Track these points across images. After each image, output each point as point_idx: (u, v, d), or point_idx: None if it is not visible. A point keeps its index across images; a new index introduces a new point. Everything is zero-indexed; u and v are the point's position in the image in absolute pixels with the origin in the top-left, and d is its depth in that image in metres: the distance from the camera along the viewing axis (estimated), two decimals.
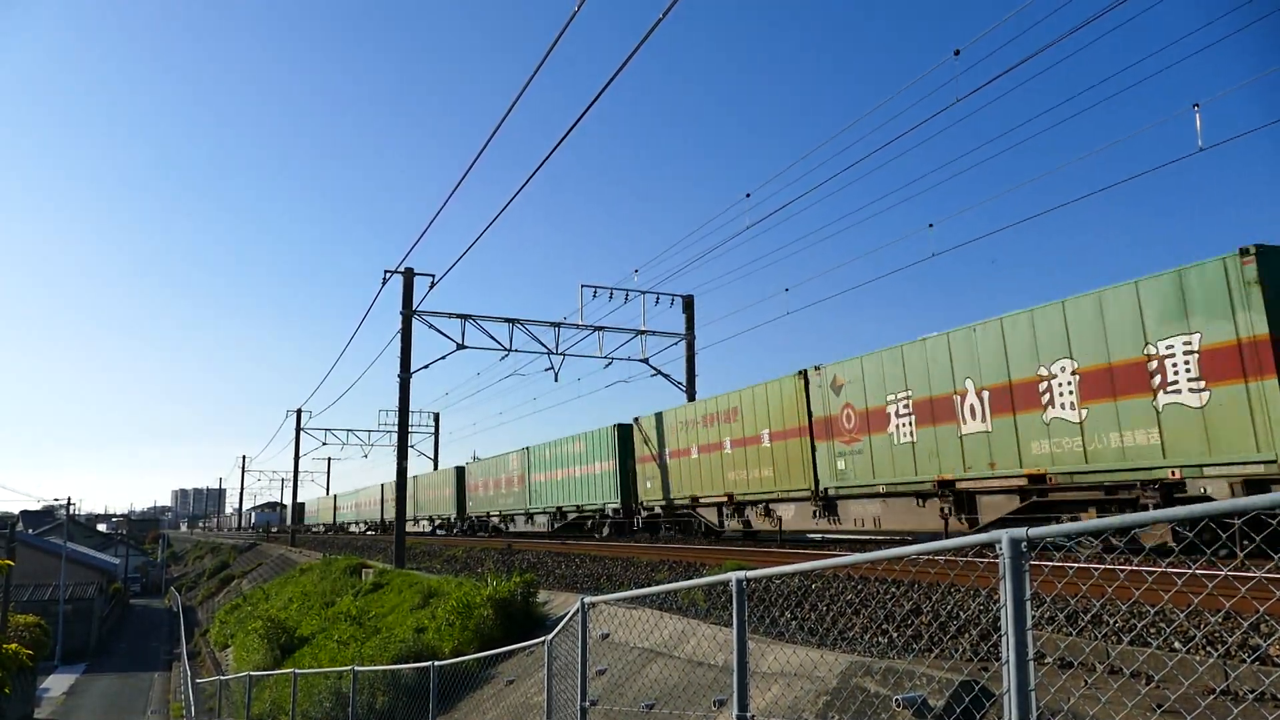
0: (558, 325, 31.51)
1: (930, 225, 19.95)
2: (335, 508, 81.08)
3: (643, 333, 32.61)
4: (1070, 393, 13.41)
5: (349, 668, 13.88)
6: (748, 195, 24.35)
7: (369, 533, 65.38)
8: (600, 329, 32.04)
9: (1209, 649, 6.30)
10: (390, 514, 45.84)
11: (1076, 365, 13.31)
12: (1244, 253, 11.15)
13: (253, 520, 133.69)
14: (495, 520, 40.81)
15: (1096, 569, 9.01)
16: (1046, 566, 10.07)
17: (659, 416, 26.80)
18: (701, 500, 24.29)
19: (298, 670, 16.39)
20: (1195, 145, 12.95)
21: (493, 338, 30.49)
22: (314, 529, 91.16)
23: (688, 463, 24.89)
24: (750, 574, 4.71)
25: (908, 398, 17.00)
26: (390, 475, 65.47)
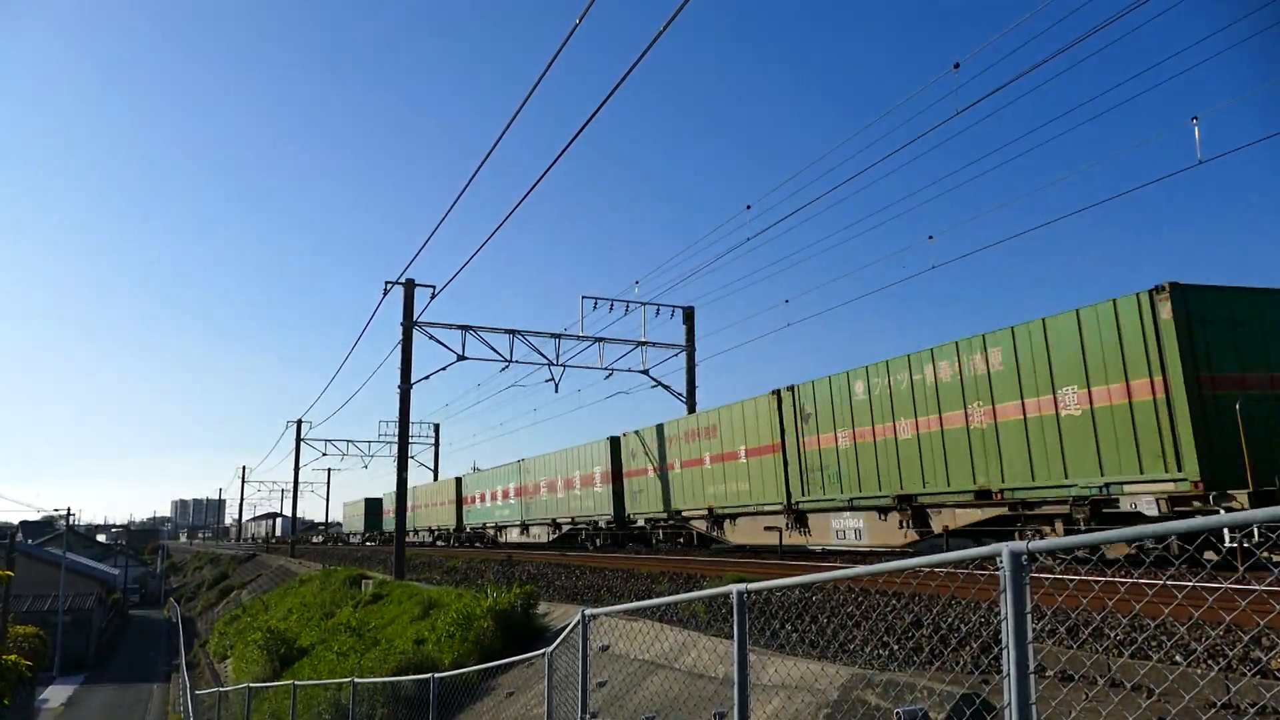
0: (558, 336, 31.55)
1: (930, 238, 20.05)
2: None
3: (643, 344, 32.64)
4: None
5: (348, 679, 13.84)
6: (748, 207, 24.44)
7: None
8: (601, 340, 32.08)
9: (1210, 662, 6.29)
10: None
11: None
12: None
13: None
14: (423, 535, 56.38)
15: (1097, 582, 9.01)
16: (1047, 579, 10.06)
17: (474, 474, 46.45)
18: (489, 524, 41.91)
19: (297, 682, 16.35)
20: (1195, 158, 13.02)
21: (493, 349, 30.53)
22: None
23: (483, 506, 42.72)
24: (751, 586, 4.71)
25: None
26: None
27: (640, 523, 27.14)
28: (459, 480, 47.12)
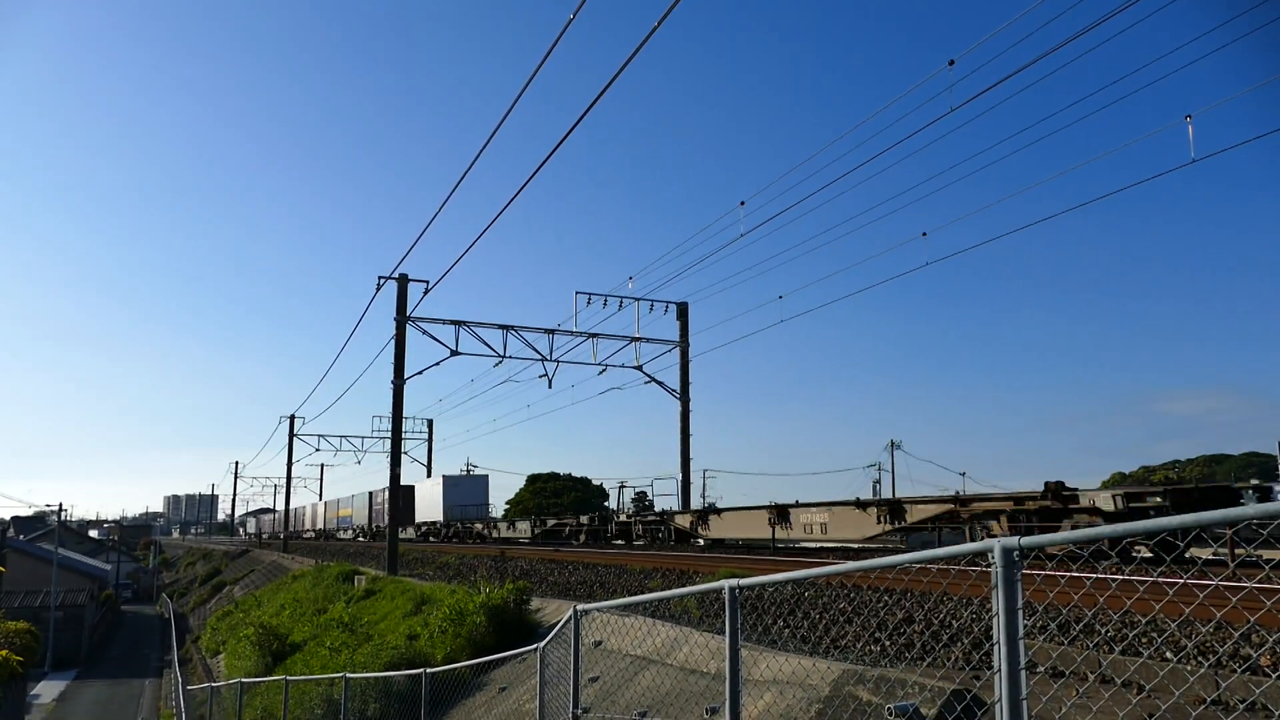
0: (552, 332, 31.55)
1: (924, 234, 20.08)
2: None
3: (637, 340, 32.66)
4: None
5: (341, 675, 13.81)
6: (742, 203, 24.40)
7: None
8: (594, 336, 32.08)
9: (1200, 659, 6.31)
10: None
11: None
12: None
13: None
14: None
15: (1089, 578, 9.03)
16: (1039, 576, 10.08)
17: None
18: None
19: (289, 677, 16.31)
20: (1188, 156, 13.07)
21: (486, 344, 30.52)
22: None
23: None
24: (744, 582, 4.69)
25: None
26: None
27: None
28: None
